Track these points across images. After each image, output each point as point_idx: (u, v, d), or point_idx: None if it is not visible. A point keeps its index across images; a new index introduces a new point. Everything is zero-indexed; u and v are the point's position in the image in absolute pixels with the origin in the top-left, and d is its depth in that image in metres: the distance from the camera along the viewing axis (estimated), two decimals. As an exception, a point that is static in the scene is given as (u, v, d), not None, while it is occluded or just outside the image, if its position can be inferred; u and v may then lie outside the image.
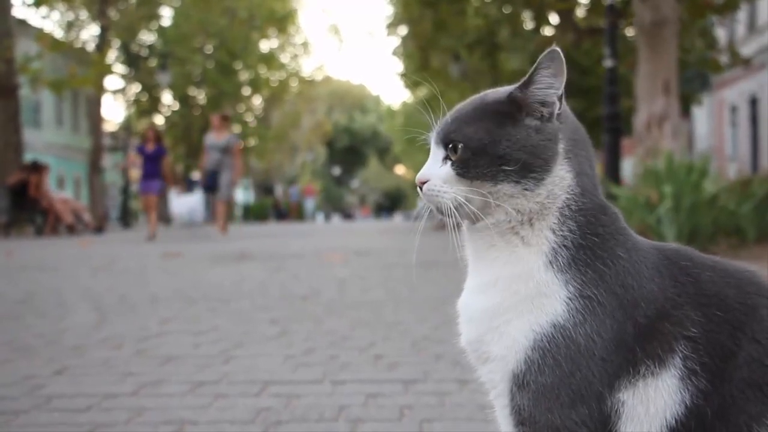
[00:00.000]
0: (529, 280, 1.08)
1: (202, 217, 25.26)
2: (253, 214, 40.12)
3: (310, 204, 45.71)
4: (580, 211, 1.10)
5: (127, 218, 25.94)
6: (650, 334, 1.04)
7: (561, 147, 1.12)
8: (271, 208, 42.05)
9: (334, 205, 72.07)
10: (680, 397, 1.02)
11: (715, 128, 29.46)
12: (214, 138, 13.93)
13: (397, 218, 53.61)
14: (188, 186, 33.03)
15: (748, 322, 1.03)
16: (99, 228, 19.50)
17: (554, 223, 1.10)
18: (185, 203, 27.53)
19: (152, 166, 14.02)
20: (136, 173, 18.81)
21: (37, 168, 17.59)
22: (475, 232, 1.16)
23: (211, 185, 13.99)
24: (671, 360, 1.03)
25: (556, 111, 1.13)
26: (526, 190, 1.10)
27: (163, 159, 14.20)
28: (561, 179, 1.11)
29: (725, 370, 1.02)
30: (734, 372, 1.01)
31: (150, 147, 14.12)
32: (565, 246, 1.08)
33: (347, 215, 64.71)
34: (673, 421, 1.02)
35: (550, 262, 1.08)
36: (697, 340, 1.03)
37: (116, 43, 31.73)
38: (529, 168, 1.10)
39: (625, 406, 1.04)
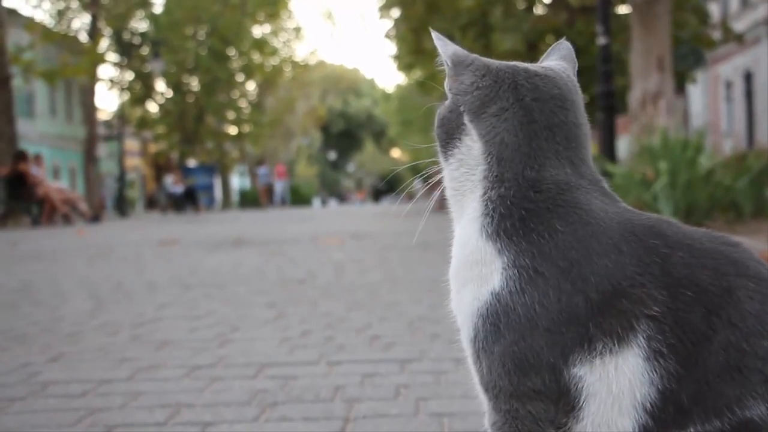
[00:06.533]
0: (466, 246, 1.12)
1: None
2: (249, 199, 40.02)
3: (279, 187, 37.64)
4: (500, 181, 1.11)
5: (123, 207, 25.90)
6: (606, 311, 1.02)
7: (466, 118, 1.14)
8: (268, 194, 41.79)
9: (330, 189, 72.08)
10: (648, 377, 1.00)
11: (710, 104, 29.42)
12: None
13: (355, 205, 50.20)
14: (184, 174, 32.45)
15: (724, 306, 1.00)
16: (95, 217, 19.47)
17: (480, 193, 1.13)
18: None
19: None
20: None
21: (21, 157, 17.46)
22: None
23: None
24: (633, 339, 1.01)
25: (449, 83, 1.19)
26: (445, 161, 1.19)
27: None
28: (468, 149, 1.14)
29: (698, 354, 0.99)
30: (709, 357, 0.99)
31: None
32: (490, 215, 1.10)
33: (342, 199, 65.04)
34: (648, 404, 1.00)
35: (480, 229, 1.10)
36: (661, 320, 1.00)
37: (108, 31, 31.60)
38: (440, 140, 1.19)
39: (584, 382, 1.02)
